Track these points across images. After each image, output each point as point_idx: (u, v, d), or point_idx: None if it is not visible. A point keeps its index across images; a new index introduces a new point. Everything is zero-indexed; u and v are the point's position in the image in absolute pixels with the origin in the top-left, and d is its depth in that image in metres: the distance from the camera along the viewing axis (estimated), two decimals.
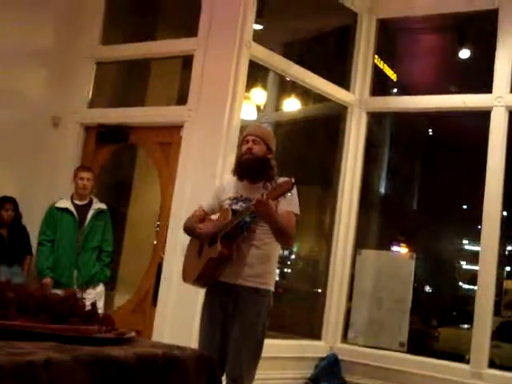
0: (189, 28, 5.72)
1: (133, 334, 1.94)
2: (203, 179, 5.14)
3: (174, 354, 1.87)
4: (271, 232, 3.41)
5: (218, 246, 3.37)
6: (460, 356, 6.35)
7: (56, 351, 1.54)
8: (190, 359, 1.90)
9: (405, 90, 7.18)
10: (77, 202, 5.36)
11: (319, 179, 6.97)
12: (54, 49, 6.10)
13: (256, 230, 3.47)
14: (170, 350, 1.89)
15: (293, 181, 3.18)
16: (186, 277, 3.68)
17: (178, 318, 5.08)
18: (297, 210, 3.49)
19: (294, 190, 3.34)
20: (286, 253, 8.34)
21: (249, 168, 3.54)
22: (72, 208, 5.31)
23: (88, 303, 2.03)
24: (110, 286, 5.75)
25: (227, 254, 3.38)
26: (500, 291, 8.58)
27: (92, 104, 6.20)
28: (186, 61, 5.81)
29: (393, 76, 7.61)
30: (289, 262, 8.38)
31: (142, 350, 1.79)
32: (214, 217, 3.70)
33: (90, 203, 5.38)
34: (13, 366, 1.38)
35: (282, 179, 3.33)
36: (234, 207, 3.51)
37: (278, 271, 8.32)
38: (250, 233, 3.46)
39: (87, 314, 1.92)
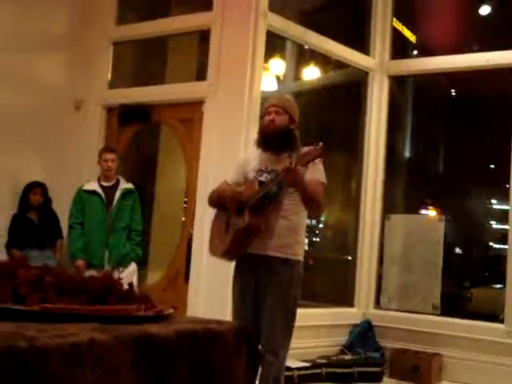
0: (204, 2, 5.68)
1: (171, 310, 1.95)
2: (227, 153, 5.15)
3: (212, 328, 1.88)
4: (301, 200, 3.40)
5: (245, 216, 3.36)
6: (494, 316, 6.31)
7: (98, 331, 1.56)
8: (229, 333, 1.92)
9: (425, 52, 7.07)
10: (104, 184, 5.40)
11: (343, 147, 6.93)
12: (70, 32, 6.12)
13: (283, 200, 3.46)
14: (208, 325, 1.91)
15: (322, 148, 3.15)
16: (213, 250, 3.67)
17: (211, 292, 5.12)
18: (323, 178, 3.48)
19: (319, 160, 3.33)
20: (315, 222, 8.33)
21: (272, 139, 3.52)
22: (99, 190, 5.35)
23: (125, 283, 2.06)
24: (142, 265, 5.81)
25: (255, 224, 3.37)
26: None
27: (112, 85, 6.22)
28: (203, 35, 5.77)
29: (412, 38, 7.50)
30: (317, 232, 8.38)
31: (182, 327, 1.81)
32: (241, 189, 3.69)
33: (117, 184, 5.41)
34: (58, 347, 1.40)
35: (307, 148, 3.31)
36: (260, 179, 3.50)
37: (307, 241, 8.35)
38: (277, 203, 3.44)
39: (125, 293, 1.94)
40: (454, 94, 8.37)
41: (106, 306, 1.80)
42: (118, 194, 5.36)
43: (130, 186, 5.45)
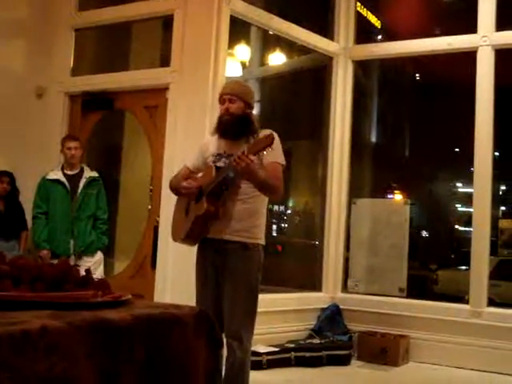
0: None
1: (129, 296, 1.94)
2: (192, 139, 5.11)
3: (171, 312, 1.87)
4: (256, 187, 3.40)
5: (203, 203, 3.36)
6: (459, 297, 6.43)
7: (51, 318, 1.55)
8: (188, 317, 1.91)
9: (390, 37, 7.11)
10: (68, 172, 5.33)
11: (309, 132, 6.95)
12: (31, 19, 6.02)
13: (241, 184, 3.45)
14: (167, 310, 1.90)
15: (273, 135, 3.16)
16: (175, 236, 3.68)
17: (178, 279, 5.11)
18: (282, 160, 3.48)
19: (276, 142, 3.31)
20: (283, 208, 8.36)
21: (229, 128, 3.51)
22: (63, 179, 5.28)
23: (82, 270, 2.03)
24: (109, 253, 5.77)
25: (213, 210, 3.38)
26: (496, 231, 8.64)
27: (75, 72, 6.13)
28: (167, 21, 5.72)
29: (377, 23, 7.54)
30: (285, 217, 8.41)
31: (139, 311, 1.79)
32: (200, 175, 3.69)
33: (82, 172, 5.35)
34: (8, 335, 1.38)
35: (263, 132, 3.31)
36: (218, 164, 3.49)
37: (275, 227, 8.37)
38: (235, 188, 3.44)
39: (82, 279, 1.92)
40: (418, 77, 8.44)
41: (61, 293, 1.78)
42: (82, 182, 5.30)
43: (94, 174, 5.39)
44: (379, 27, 7.37)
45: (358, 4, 6.66)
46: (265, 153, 3.25)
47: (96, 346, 1.57)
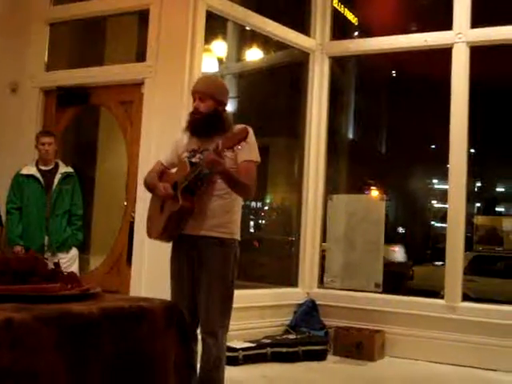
0: None
1: (98, 289, 1.92)
2: (167, 135, 5.07)
3: (140, 305, 1.87)
4: (227, 186, 3.38)
5: (178, 199, 3.34)
6: (435, 293, 6.48)
7: (17, 311, 1.53)
8: (158, 309, 1.90)
9: (366, 33, 7.12)
10: (42, 168, 5.27)
11: (286, 129, 6.96)
12: (4, 13, 5.96)
13: (217, 180, 3.43)
14: (136, 303, 1.89)
15: (247, 129, 3.14)
16: (150, 232, 3.63)
17: (154, 275, 5.08)
18: (256, 157, 3.45)
19: (251, 137, 3.30)
20: (260, 204, 8.37)
21: (199, 127, 3.48)
22: (37, 174, 5.22)
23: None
24: (84, 250, 5.72)
25: (188, 206, 3.35)
26: (471, 227, 8.72)
27: (49, 67, 6.07)
28: (142, 16, 5.68)
29: (354, 20, 7.56)
30: (262, 214, 8.41)
31: (108, 304, 1.78)
32: (174, 170, 3.66)
33: (56, 168, 5.29)
34: None
35: (237, 127, 3.29)
36: (193, 160, 3.46)
37: (252, 223, 8.37)
38: (210, 183, 3.42)
39: (50, 272, 1.91)
40: (394, 74, 8.48)
41: (28, 285, 1.76)
42: (57, 177, 5.24)
43: (69, 169, 5.34)
44: (356, 24, 7.39)
45: (335, 0, 6.67)
46: (239, 147, 3.22)
47: (63, 338, 1.56)
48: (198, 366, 3.37)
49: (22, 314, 1.51)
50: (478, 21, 5.82)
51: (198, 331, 3.49)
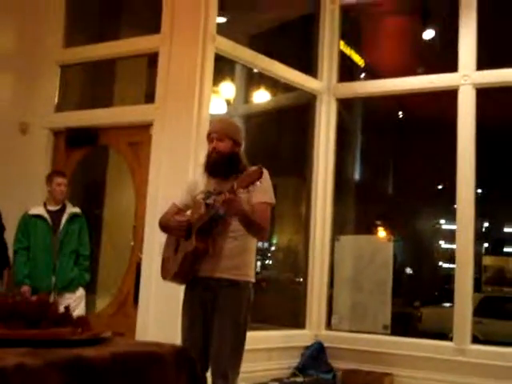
0: (152, 25, 5.67)
1: (109, 333, 1.91)
2: (176, 176, 5.12)
3: (151, 350, 1.85)
4: (242, 226, 3.38)
5: (192, 240, 3.34)
6: (443, 334, 6.40)
7: (28, 356, 1.52)
8: (169, 355, 1.89)
9: (373, 75, 7.20)
10: (50, 208, 5.30)
11: (293, 170, 6.98)
12: (16, 53, 6.05)
13: (232, 221, 3.44)
14: (147, 348, 1.88)
15: (261, 169, 3.15)
16: (164, 274, 3.63)
17: (161, 317, 5.05)
18: (271, 199, 3.46)
19: (266, 178, 3.32)
20: (266, 245, 8.34)
21: (218, 167, 3.50)
22: (46, 214, 5.24)
23: (62, 307, 2.01)
24: (91, 290, 5.70)
25: (203, 247, 3.35)
26: (479, 268, 8.67)
27: (59, 108, 6.14)
28: (152, 58, 5.76)
29: (360, 62, 7.63)
30: (269, 254, 8.38)
31: (118, 349, 1.77)
32: (188, 212, 3.67)
33: (64, 208, 5.32)
34: None
35: (251, 168, 3.31)
36: (208, 201, 3.47)
37: (259, 263, 8.34)
38: (225, 225, 3.42)
39: (61, 316, 1.90)
40: (401, 116, 8.53)
41: (39, 330, 1.75)
42: (64, 217, 5.26)
43: (76, 210, 5.36)
44: (362, 66, 7.47)
45: (342, 43, 6.76)
46: (256, 186, 3.22)
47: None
48: None
49: (34, 359, 1.50)
50: (483, 63, 5.88)
51: (208, 374, 3.46)
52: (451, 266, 6.93)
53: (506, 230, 12.65)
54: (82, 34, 6.45)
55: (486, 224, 11.05)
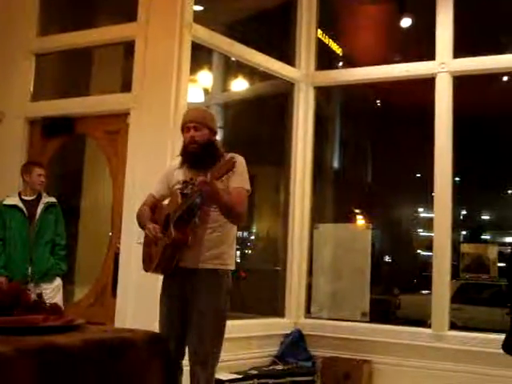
0: (128, 13, 5.62)
1: (81, 320, 1.90)
2: (153, 165, 5.08)
3: (124, 336, 1.84)
4: (219, 210, 3.38)
5: (171, 231, 3.33)
6: (422, 321, 6.45)
7: None
8: (142, 341, 1.88)
9: (351, 63, 7.20)
10: (25, 198, 5.24)
11: (271, 158, 6.97)
12: None
13: (210, 212, 3.43)
14: (119, 334, 1.87)
15: (234, 159, 3.15)
16: (145, 266, 3.62)
17: (139, 307, 5.03)
18: (247, 185, 3.46)
19: (241, 165, 3.32)
20: (246, 234, 8.35)
21: (196, 156, 3.48)
22: (21, 204, 5.19)
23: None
24: (70, 280, 5.67)
25: (181, 238, 3.34)
26: (457, 255, 8.73)
27: (35, 97, 6.07)
28: (128, 47, 5.71)
29: (338, 50, 7.64)
30: (248, 243, 8.39)
31: (91, 336, 1.76)
32: (166, 202, 3.65)
33: (39, 198, 5.26)
34: None
35: (225, 159, 3.29)
36: (186, 191, 3.45)
37: (238, 253, 8.34)
38: (204, 215, 3.42)
39: (33, 304, 1.88)
40: (379, 104, 8.56)
41: (10, 317, 1.73)
42: (40, 207, 5.21)
43: (52, 199, 5.31)
44: (340, 54, 7.47)
45: (319, 31, 6.75)
46: (231, 177, 3.23)
47: (44, 371, 1.53)
48: None
49: (5, 347, 1.48)
50: (460, 51, 5.90)
51: (184, 362, 3.46)
52: (429, 253, 6.98)
53: (484, 217, 12.79)
54: (57, 22, 6.38)
55: (464, 212, 11.15)
